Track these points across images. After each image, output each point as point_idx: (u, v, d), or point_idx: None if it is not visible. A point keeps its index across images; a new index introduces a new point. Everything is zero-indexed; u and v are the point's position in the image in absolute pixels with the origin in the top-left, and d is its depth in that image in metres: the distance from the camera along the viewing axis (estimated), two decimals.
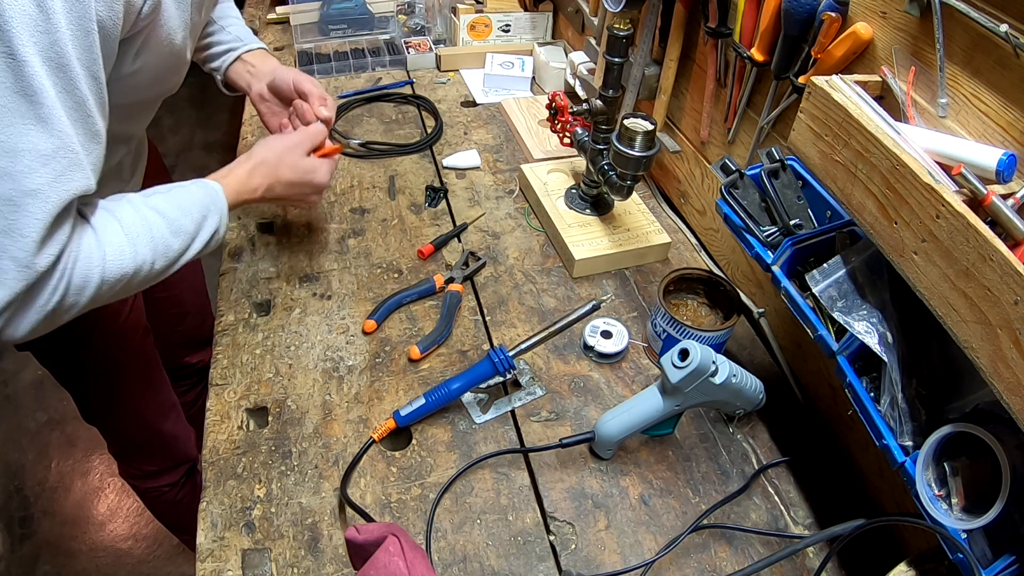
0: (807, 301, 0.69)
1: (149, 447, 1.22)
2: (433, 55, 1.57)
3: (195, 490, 1.38)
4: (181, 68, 0.78)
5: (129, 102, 0.68)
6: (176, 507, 1.36)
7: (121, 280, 0.65)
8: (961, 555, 0.55)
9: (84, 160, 0.59)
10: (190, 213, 0.72)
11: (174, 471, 1.28)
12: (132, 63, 0.64)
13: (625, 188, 0.99)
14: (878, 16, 0.70)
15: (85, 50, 0.55)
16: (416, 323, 0.96)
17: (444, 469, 0.79)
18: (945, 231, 0.50)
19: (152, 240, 0.67)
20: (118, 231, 0.65)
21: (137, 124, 0.88)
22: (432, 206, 1.17)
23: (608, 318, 0.94)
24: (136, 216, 0.67)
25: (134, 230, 0.66)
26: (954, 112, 0.62)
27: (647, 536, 0.75)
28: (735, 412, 0.84)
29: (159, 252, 0.68)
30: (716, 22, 0.93)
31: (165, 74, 0.74)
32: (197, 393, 1.46)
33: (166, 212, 0.70)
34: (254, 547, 0.71)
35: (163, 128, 3.10)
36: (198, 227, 0.73)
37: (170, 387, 1.20)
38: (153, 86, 0.75)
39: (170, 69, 0.74)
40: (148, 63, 0.66)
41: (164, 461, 1.26)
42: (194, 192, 0.74)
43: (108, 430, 1.18)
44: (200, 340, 1.38)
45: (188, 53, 0.75)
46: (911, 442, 0.61)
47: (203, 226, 0.73)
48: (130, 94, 0.65)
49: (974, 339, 0.50)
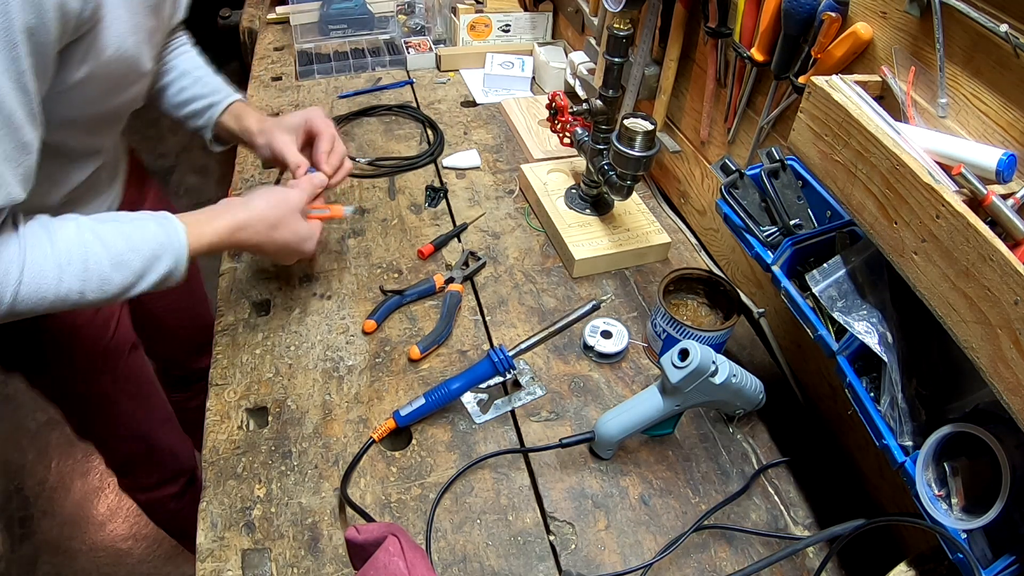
0: (807, 301, 0.69)
1: (146, 461, 1.20)
2: (433, 55, 1.57)
3: (196, 498, 1.36)
4: (139, 78, 0.73)
5: (87, 115, 0.64)
6: (177, 516, 1.34)
7: (40, 302, 0.62)
8: (961, 555, 0.55)
9: (4, 173, 0.56)
10: (139, 250, 0.68)
11: (173, 482, 1.27)
12: (77, 71, 0.61)
13: (625, 188, 0.99)
14: (878, 16, 0.70)
15: (11, 62, 0.52)
16: (416, 323, 0.96)
17: (444, 469, 0.79)
18: (945, 231, 0.50)
19: (85, 269, 0.64)
20: (46, 253, 0.62)
21: (104, 138, 0.84)
22: (432, 206, 1.17)
23: (608, 318, 0.94)
24: (76, 241, 0.64)
25: (66, 255, 0.63)
26: (954, 112, 0.62)
27: (647, 536, 0.75)
28: (735, 412, 0.83)
29: (91, 283, 0.64)
30: (716, 22, 0.93)
31: (120, 83, 0.70)
32: (201, 401, 1.43)
33: (112, 243, 0.66)
34: (254, 547, 0.71)
35: (163, 128, 3.11)
36: (146, 266, 0.68)
37: (164, 399, 1.18)
38: (108, 97, 0.71)
39: (125, 78, 0.70)
40: (96, 72, 0.63)
41: (162, 473, 1.24)
42: (151, 229, 0.70)
43: (102, 447, 1.16)
44: (205, 345, 1.36)
45: (147, 62, 0.71)
46: (911, 442, 0.61)
47: (152, 267, 0.69)
48: (84, 107, 0.62)
49: (974, 339, 0.50)
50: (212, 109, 0.95)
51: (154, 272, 0.69)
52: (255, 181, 1.20)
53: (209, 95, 0.95)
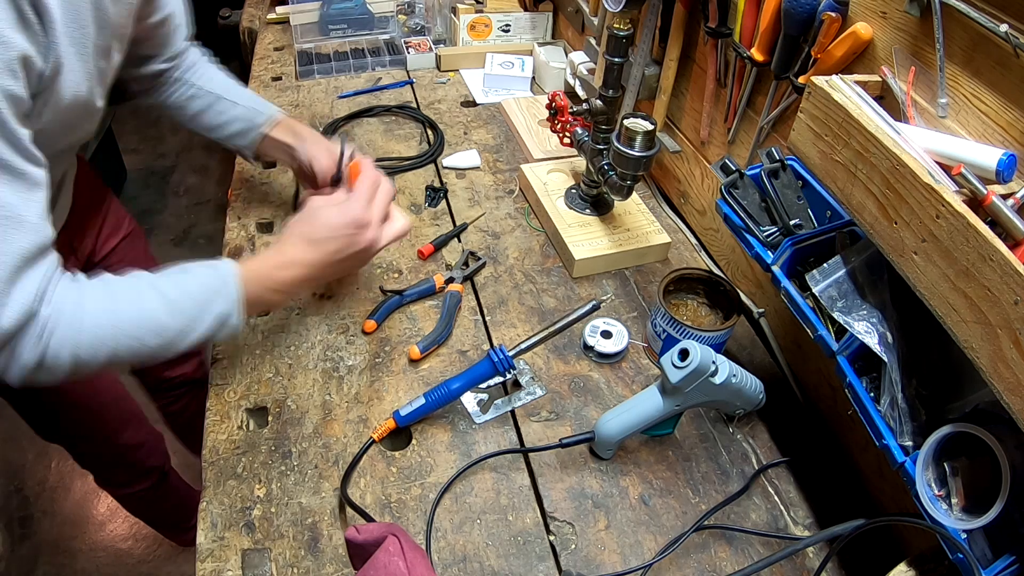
0: (807, 301, 0.69)
1: (112, 461, 1.21)
2: (433, 55, 1.57)
3: (169, 490, 1.38)
4: (93, 116, 0.74)
5: (45, 155, 0.66)
6: (152, 507, 1.37)
7: (99, 349, 0.63)
8: (961, 555, 0.55)
9: (27, 214, 0.58)
10: (191, 294, 0.68)
11: (145, 478, 1.28)
12: (36, 121, 0.63)
13: (625, 188, 0.99)
14: (878, 16, 0.70)
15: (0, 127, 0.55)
16: (416, 323, 0.96)
17: (444, 469, 0.79)
18: (945, 231, 0.50)
19: (140, 313, 0.65)
20: (101, 298, 0.64)
21: (56, 169, 0.84)
22: (432, 206, 1.17)
23: (608, 318, 0.94)
24: (131, 287, 0.66)
25: (123, 300, 0.65)
26: (954, 112, 0.62)
27: (647, 536, 0.75)
28: (735, 412, 0.84)
29: (146, 327, 0.65)
30: (716, 22, 0.93)
31: (74, 124, 0.72)
32: (184, 404, 1.45)
33: (165, 289, 0.67)
34: (254, 547, 0.71)
35: (163, 128, 3.11)
36: (199, 310, 0.68)
37: (130, 398, 1.18)
38: (64, 137, 0.73)
39: (80, 118, 0.71)
40: (54, 120, 0.65)
41: (131, 471, 1.26)
42: (202, 273, 0.70)
43: (69, 448, 1.17)
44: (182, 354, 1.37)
45: (99, 100, 0.72)
46: (911, 442, 0.61)
47: (206, 310, 0.68)
48: (43, 149, 0.63)
49: (974, 339, 0.50)
50: (254, 129, 0.97)
51: (209, 318, 0.68)
52: (255, 181, 1.20)
53: (249, 115, 0.97)
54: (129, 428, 1.18)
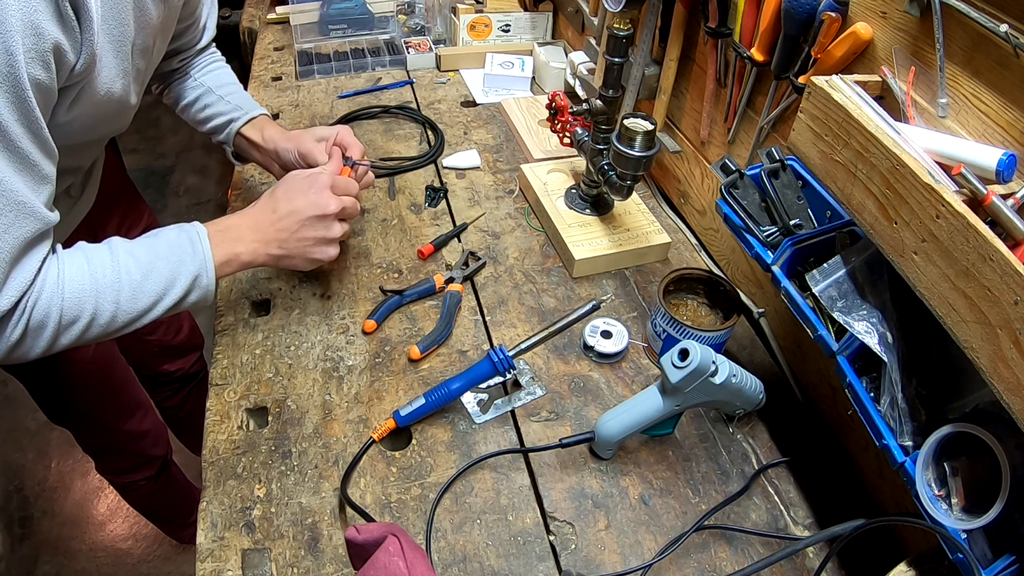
0: (807, 301, 0.69)
1: (116, 447, 1.23)
2: (433, 55, 1.57)
3: (170, 482, 1.39)
4: (126, 112, 0.77)
5: (72, 144, 0.69)
6: (152, 498, 1.37)
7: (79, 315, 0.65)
8: (961, 555, 0.55)
9: (34, 203, 0.60)
10: (164, 256, 0.71)
11: (148, 466, 1.30)
12: (66, 113, 0.65)
13: (625, 188, 0.99)
14: (878, 16, 0.70)
15: (24, 114, 0.56)
16: (416, 323, 0.96)
17: (444, 469, 0.79)
18: (945, 231, 0.50)
19: (117, 280, 0.67)
20: (83, 269, 0.66)
21: (85, 158, 0.88)
22: (432, 206, 1.17)
23: (608, 318, 0.94)
24: (108, 257, 0.68)
25: (100, 270, 0.67)
26: (954, 112, 0.62)
27: (647, 536, 0.75)
28: (735, 412, 0.83)
29: (124, 293, 0.68)
30: (716, 22, 0.93)
31: (107, 118, 0.74)
32: (182, 398, 1.46)
33: (139, 254, 0.70)
34: (254, 547, 0.71)
35: (163, 128, 3.10)
36: (173, 272, 0.71)
37: (138, 386, 1.21)
38: (95, 130, 0.75)
39: (112, 114, 0.73)
40: (84, 112, 0.67)
41: (134, 459, 1.27)
42: (172, 235, 0.74)
43: (74, 431, 1.19)
44: (176, 348, 1.38)
45: (133, 97, 0.75)
46: (911, 442, 0.61)
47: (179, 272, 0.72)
48: (71, 138, 0.66)
49: (974, 339, 0.50)
50: (233, 124, 0.98)
51: (183, 277, 0.72)
52: (255, 181, 1.20)
53: (231, 111, 0.98)
54: (136, 415, 1.20)
